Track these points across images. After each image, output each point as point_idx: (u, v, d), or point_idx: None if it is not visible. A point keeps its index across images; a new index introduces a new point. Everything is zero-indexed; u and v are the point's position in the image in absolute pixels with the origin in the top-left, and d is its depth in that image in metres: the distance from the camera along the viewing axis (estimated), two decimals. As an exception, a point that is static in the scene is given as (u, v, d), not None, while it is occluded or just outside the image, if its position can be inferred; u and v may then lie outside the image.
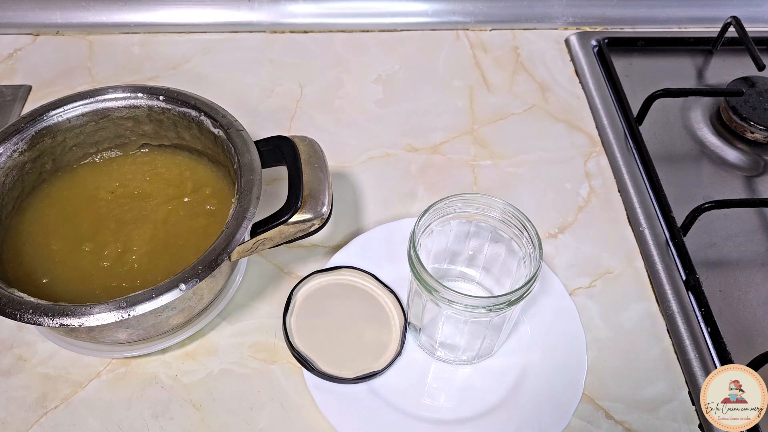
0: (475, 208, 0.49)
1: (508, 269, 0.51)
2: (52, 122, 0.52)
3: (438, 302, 0.45)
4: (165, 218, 0.52)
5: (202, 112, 0.53)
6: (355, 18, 0.78)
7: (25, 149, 0.51)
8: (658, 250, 0.59)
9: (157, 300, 0.42)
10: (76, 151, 0.55)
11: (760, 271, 0.58)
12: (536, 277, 0.44)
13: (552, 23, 0.79)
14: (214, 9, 0.76)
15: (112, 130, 0.55)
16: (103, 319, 0.42)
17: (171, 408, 0.49)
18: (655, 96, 0.67)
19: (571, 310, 0.53)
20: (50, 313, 0.42)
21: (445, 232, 0.51)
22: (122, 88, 0.54)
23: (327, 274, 0.54)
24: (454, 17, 0.78)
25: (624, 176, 0.64)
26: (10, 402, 0.49)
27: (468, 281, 0.55)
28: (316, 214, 0.48)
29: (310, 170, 0.50)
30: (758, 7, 0.80)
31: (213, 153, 0.55)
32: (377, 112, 0.69)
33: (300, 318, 0.52)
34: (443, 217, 0.49)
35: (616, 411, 0.50)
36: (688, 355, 0.53)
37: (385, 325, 0.52)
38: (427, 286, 0.45)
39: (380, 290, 0.53)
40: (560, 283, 0.55)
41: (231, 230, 0.46)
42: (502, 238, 0.50)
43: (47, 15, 0.75)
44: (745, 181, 0.66)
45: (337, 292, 0.53)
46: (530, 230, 0.47)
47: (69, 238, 0.51)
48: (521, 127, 0.68)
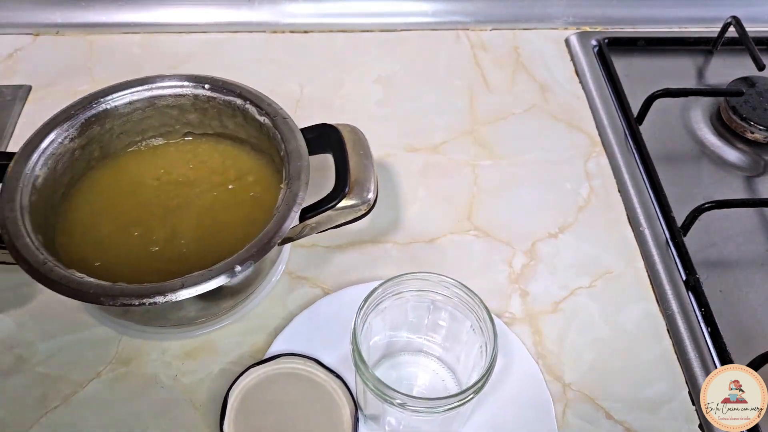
0: (429, 289, 0.46)
1: (469, 349, 0.47)
2: (101, 110, 0.53)
3: (384, 404, 0.42)
4: (210, 205, 0.53)
5: (247, 101, 0.53)
6: (355, 18, 0.78)
7: (75, 136, 0.52)
8: (658, 250, 0.59)
9: (212, 281, 0.43)
10: (123, 138, 0.56)
11: (760, 271, 0.58)
12: (489, 374, 0.41)
13: (552, 23, 0.79)
14: (214, 9, 0.76)
15: (157, 119, 0.56)
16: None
17: (171, 408, 0.49)
18: (655, 96, 0.67)
19: (536, 375, 0.50)
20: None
21: (402, 306, 0.47)
22: (169, 77, 0.55)
23: (264, 366, 0.49)
24: (454, 17, 0.78)
25: (624, 176, 0.64)
26: (10, 402, 0.49)
27: (428, 356, 0.50)
28: (363, 199, 0.49)
29: (355, 157, 0.51)
30: (758, 7, 0.80)
31: (256, 141, 0.55)
32: (377, 112, 0.69)
33: (240, 424, 0.46)
34: (395, 295, 0.46)
35: (616, 411, 0.50)
36: (688, 355, 0.53)
37: (336, 417, 0.47)
38: (375, 389, 0.41)
39: (326, 376, 0.48)
40: (521, 346, 0.52)
41: (282, 215, 0.46)
42: (461, 319, 0.46)
43: (47, 15, 0.75)
44: (745, 181, 0.66)
45: (279, 385, 0.48)
46: (484, 318, 0.43)
47: (118, 224, 0.52)
48: (521, 127, 0.68)
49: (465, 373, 0.48)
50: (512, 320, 0.54)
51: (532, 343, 0.53)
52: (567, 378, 0.51)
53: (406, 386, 0.40)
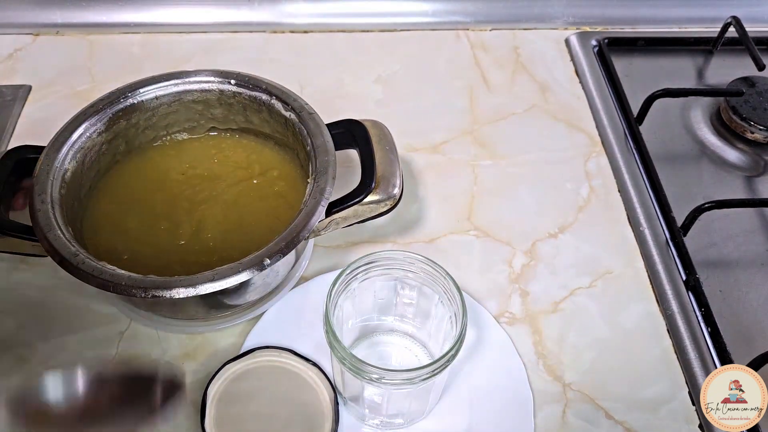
0: (395, 267, 0.46)
1: (439, 323, 0.48)
2: (128, 104, 0.53)
3: (362, 380, 0.42)
4: (235, 199, 0.54)
5: (273, 96, 0.54)
6: (355, 18, 0.78)
7: (103, 130, 0.52)
8: (658, 250, 0.59)
9: (242, 274, 0.43)
10: (148, 133, 0.56)
11: (760, 271, 0.58)
12: (460, 342, 0.42)
13: (552, 23, 0.79)
14: (214, 9, 0.76)
15: (183, 114, 0.56)
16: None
17: (171, 408, 0.49)
18: (655, 96, 0.67)
19: (506, 342, 0.51)
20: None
21: (370, 287, 0.48)
22: (195, 73, 0.55)
23: (239, 362, 0.49)
24: (454, 17, 0.78)
25: (624, 176, 0.64)
26: (10, 402, 0.49)
27: (400, 335, 0.52)
28: (389, 195, 0.50)
29: (381, 152, 0.52)
30: (758, 7, 0.80)
31: (281, 136, 0.56)
32: (377, 112, 0.69)
33: (220, 421, 0.46)
34: (364, 279, 0.46)
35: (616, 411, 0.50)
36: (688, 355, 0.53)
37: (316, 404, 0.47)
38: (351, 367, 0.42)
39: (302, 365, 0.49)
40: (489, 315, 0.53)
41: (309, 209, 0.47)
42: (428, 293, 0.47)
43: (47, 15, 0.75)
44: (745, 181, 0.66)
45: (256, 379, 0.48)
46: (451, 289, 0.44)
47: (144, 217, 0.53)
48: (521, 127, 0.68)
49: (437, 347, 0.49)
50: (512, 320, 0.54)
51: (532, 343, 0.53)
52: (567, 378, 0.51)
53: (381, 365, 0.41)
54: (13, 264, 0.55)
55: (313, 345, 0.50)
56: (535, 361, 0.52)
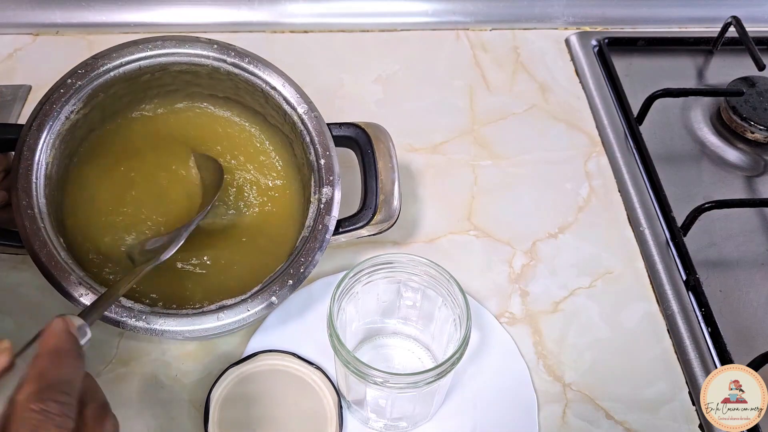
0: (398, 269, 0.46)
1: (443, 325, 0.48)
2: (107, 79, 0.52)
3: (366, 384, 0.42)
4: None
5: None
6: (355, 18, 0.77)
7: (80, 108, 0.50)
8: (659, 250, 0.59)
9: (251, 312, 0.45)
10: (125, 101, 0.54)
11: (760, 271, 0.58)
12: (465, 345, 0.42)
13: (552, 23, 0.79)
14: (214, 9, 0.76)
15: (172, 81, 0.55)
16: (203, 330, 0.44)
17: (171, 408, 0.49)
18: (655, 96, 0.67)
19: (509, 344, 0.51)
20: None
21: (373, 290, 0.47)
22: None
23: (242, 366, 0.49)
24: (454, 17, 0.78)
25: (624, 176, 0.64)
26: (10, 402, 0.49)
27: (403, 337, 0.52)
28: (390, 215, 0.50)
29: (384, 171, 0.51)
30: (758, 7, 0.80)
31: (276, 123, 0.55)
32: (377, 112, 0.69)
33: (224, 424, 0.47)
34: (368, 282, 0.46)
35: (616, 411, 0.50)
36: (688, 355, 0.53)
37: (319, 408, 0.47)
38: (355, 370, 0.42)
39: (305, 369, 0.49)
40: (491, 317, 0.53)
41: (311, 246, 0.47)
42: (432, 296, 0.47)
43: (47, 15, 0.75)
44: (745, 181, 0.66)
45: (259, 382, 0.48)
46: (455, 292, 0.44)
47: (120, 191, 0.52)
48: (521, 127, 0.68)
49: (440, 350, 0.49)
50: (512, 320, 0.54)
51: (532, 343, 0.53)
52: (567, 378, 0.51)
53: (384, 368, 0.41)
54: (13, 264, 0.55)
55: (316, 348, 0.50)
56: (535, 361, 0.52)
